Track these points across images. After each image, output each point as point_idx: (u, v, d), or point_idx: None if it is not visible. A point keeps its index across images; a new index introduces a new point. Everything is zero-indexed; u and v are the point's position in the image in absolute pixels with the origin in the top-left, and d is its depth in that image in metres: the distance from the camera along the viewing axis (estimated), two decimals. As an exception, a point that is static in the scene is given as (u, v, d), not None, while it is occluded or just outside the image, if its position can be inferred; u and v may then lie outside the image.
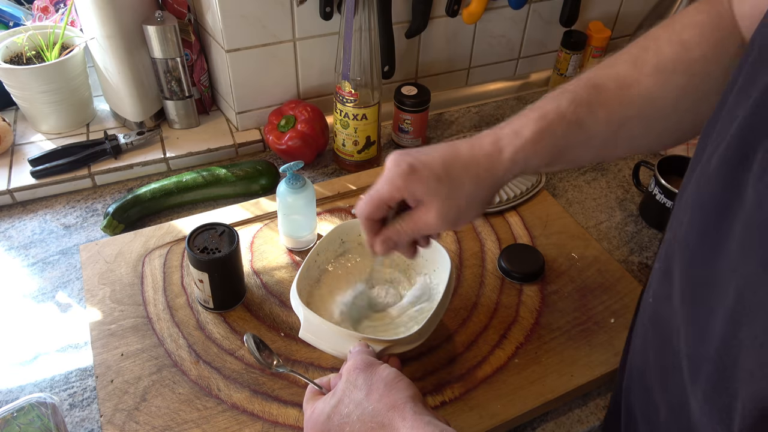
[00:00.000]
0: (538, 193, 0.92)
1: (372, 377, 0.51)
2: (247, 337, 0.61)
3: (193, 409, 0.63)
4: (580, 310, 0.75)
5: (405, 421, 0.47)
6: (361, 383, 0.51)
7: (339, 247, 0.74)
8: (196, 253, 0.67)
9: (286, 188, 0.75)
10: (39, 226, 0.86)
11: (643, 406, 0.50)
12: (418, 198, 0.53)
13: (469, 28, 1.10)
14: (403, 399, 0.49)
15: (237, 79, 0.95)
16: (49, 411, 0.59)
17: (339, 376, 0.55)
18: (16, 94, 0.95)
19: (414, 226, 0.54)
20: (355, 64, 0.86)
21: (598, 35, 1.15)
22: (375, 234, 0.56)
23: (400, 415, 0.47)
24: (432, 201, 0.52)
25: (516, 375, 0.68)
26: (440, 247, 0.70)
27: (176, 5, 0.94)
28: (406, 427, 0.47)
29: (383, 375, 0.51)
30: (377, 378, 0.51)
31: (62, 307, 0.75)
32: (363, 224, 0.56)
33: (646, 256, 0.87)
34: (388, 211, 0.55)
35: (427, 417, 0.47)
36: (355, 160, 0.97)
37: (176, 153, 0.96)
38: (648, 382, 0.48)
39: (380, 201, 0.54)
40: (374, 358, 0.55)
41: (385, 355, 0.60)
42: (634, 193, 0.98)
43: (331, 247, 0.73)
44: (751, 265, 0.33)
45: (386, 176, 0.53)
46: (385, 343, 0.60)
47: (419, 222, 0.54)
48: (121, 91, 0.96)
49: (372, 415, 0.48)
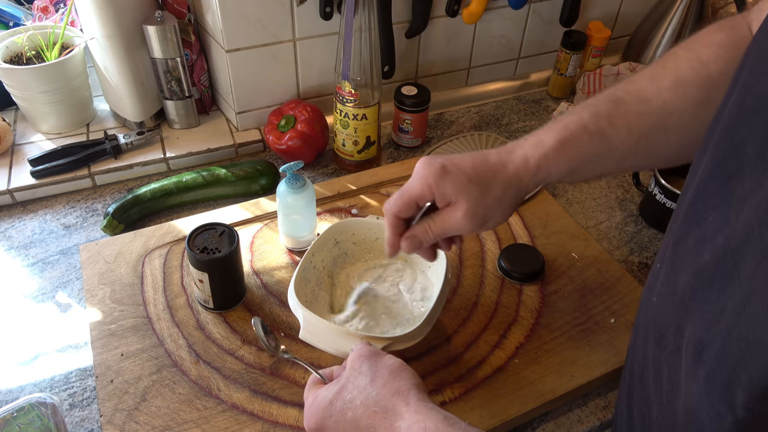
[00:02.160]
0: (538, 193, 0.92)
1: (377, 364, 0.52)
2: (255, 321, 0.62)
3: (193, 409, 0.63)
4: (580, 310, 0.76)
5: (409, 406, 0.47)
6: (366, 370, 0.51)
7: (334, 247, 0.74)
8: (196, 253, 0.67)
9: (286, 188, 0.75)
10: (39, 226, 0.86)
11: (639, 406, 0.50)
12: (449, 197, 0.54)
13: (469, 28, 1.10)
14: (407, 386, 0.49)
15: (237, 79, 0.95)
16: (49, 411, 0.59)
17: (342, 367, 0.55)
18: (16, 94, 0.95)
19: (443, 225, 0.56)
20: (355, 64, 0.86)
21: (598, 35, 1.15)
22: (399, 233, 0.58)
23: (404, 401, 0.48)
24: (462, 201, 0.54)
25: (516, 375, 0.68)
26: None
27: (176, 5, 0.94)
28: (409, 412, 0.47)
29: (388, 363, 0.52)
30: (382, 365, 0.52)
31: (62, 307, 0.75)
32: (389, 221, 0.58)
33: (646, 256, 0.87)
34: (416, 210, 0.57)
35: (431, 404, 0.48)
36: (355, 160, 0.97)
37: (176, 153, 0.96)
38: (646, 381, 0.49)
39: (410, 199, 0.55)
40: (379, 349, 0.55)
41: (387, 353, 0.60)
42: (634, 193, 0.98)
43: (326, 247, 0.73)
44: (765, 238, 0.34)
45: (418, 175, 0.55)
46: (386, 340, 0.60)
47: (448, 222, 0.55)
48: (121, 91, 0.96)
49: (376, 399, 0.49)
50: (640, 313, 0.53)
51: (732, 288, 0.36)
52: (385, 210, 0.57)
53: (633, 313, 0.75)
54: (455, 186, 0.54)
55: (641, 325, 0.51)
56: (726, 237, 0.37)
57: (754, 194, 0.35)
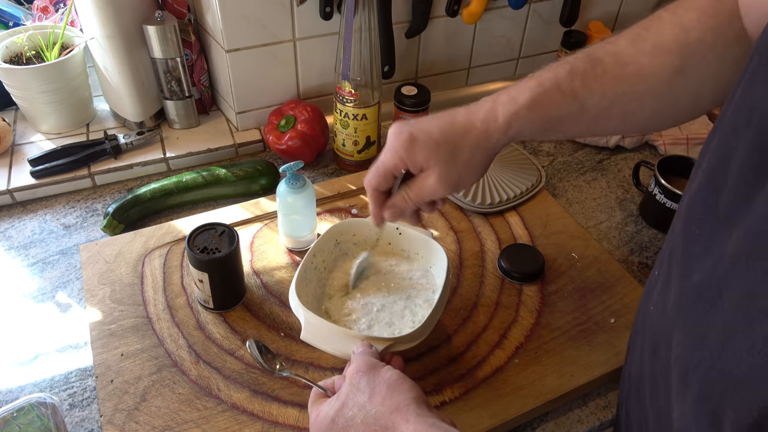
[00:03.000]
0: (538, 193, 0.92)
1: (375, 379, 0.51)
2: (249, 344, 0.62)
3: (193, 409, 0.63)
4: (580, 310, 0.75)
5: (408, 424, 0.47)
6: (364, 386, 0.51)
7: (335, 248, 0.74)
8: (196, 253, 0.67)
9: (286, 188, 0.75)
10: (39, 226, 0.86)
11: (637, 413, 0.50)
12: (420, 164, 0.56)
13: (469, 28, 1.10)
14: (406, 401, 0.48)
15: (237, 79, 0.95)
16: (49, 411, 0.59)
17: (342, 378, 0.55)
18: (16, 94, 0.95)
19: (419, 191, 0.58)
20: (355, 64, 0.86)
21: (598, 35, 1.15)
22: (381, 205, 0.60)
23: (403, 418, 0.47)
24: (433, 166, 0.56)
25: (516, 375, 0.68)
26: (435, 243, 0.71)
27: (176, 5, 0.94)
28: (409, 430, 0.46)
29: (386, 377, 0.51)
30: (380, 380, 0.51)
31: (62, 307, 0.75)
32: (370, 195, 0.60)
33: (646, 256, 0.87)
34: (394, 181, 0.59)
35: (431, 419, 0.47)
36: (355, 160, 0.97)
37: (176, 153, 0.96)
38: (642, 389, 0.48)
39: (386, 171, 0.57)
40: (377, 360, 0.55)
41: (388, 354, 0.60)
42: (634, 193, 0.98)
43: (327, 248, 0.73)
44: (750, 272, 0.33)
45: (389, 146, 0.57)
46: (387, 341, 0.60)
47: (423, 188, 0.57)
48: (121, 91, 0.96)
49: (375, 417, 0.48)
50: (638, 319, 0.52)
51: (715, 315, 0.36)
52: (365, 185, 0.60)
53: (633, 314, 0.75)
54: (424, 153, 0.55)
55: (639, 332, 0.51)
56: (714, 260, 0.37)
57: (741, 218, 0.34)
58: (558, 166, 1.02)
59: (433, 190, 0.57)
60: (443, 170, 0.55)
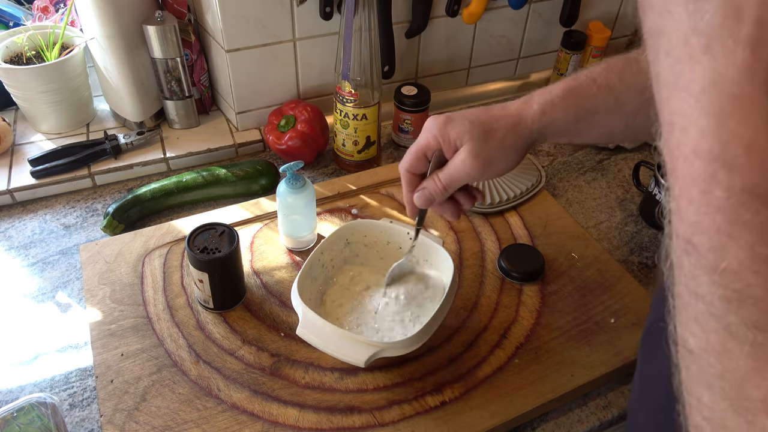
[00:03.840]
0: (538, 193, 0.92)
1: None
2: None
3: (193, 409, 0.63)
4: (580, 310, 0.75)
5: None
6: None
7: (344, 247, 0.74)
8: (196, 253, 0.67)
9: (286, 188, 0.75)
10: (39, 226, 0.86)
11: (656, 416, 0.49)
12: (454, 141, 0.57)
13: (469, 28, 1.10)
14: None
15: (237, 79, 0.95)
16: (49, 411, 0.59)
17: None
18: (16, 94, 0.95)
19: (449, 171, 0.57)
20: (355, 64, 0.86)
21: (598, 35, 1.15)
22: (413, 190, 0.60)
23: None
24: (466, 143, 0.56)
25: (516, 375, 0.68)
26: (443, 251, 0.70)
27: (176, 5, 0.94)
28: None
29: None
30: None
31: (62, 307, 0.75)
32: (403, 178, 0.60)
33: (646, 256, 0.87)
34: (427, 163, 0.59)
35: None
36: (355, 160, 0.97)
37: (176, 153, 0.96)
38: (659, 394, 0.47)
39: (419, 150, 0.58)
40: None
41: None
42: (634, 193, 0.98)
43: (336, 246, 0.73)
44: None
45: (425, 128, 0.58)
46: (379, 346, 0.59)
47: (454, 166, 0.57)
48: (121, 91, 0.96)
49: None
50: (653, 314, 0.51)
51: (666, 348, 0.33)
52: (399, 169, 0.60)
53: (633, 313, 0.75)
54: (458, 130, 0.56)
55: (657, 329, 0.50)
56: None
57: None
58: (558, 166, 1.02)
59: (464, 168, 0.56)
60: (475, 146, 0.56)
